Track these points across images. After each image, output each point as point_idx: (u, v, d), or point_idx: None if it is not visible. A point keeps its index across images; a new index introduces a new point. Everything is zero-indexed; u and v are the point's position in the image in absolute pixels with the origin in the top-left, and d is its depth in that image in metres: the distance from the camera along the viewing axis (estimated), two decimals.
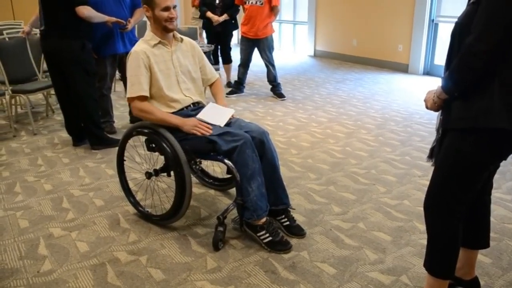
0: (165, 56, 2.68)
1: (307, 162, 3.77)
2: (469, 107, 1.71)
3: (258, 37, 5.67)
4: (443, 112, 1.87)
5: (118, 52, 4.34)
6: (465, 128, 1.74)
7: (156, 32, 2.67)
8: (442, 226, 1.90)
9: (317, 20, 9.01)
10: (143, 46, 2.63)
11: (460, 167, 1.81)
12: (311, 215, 2.88)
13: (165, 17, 2.60)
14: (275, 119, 5.02)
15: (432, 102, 1.87)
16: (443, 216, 1.89)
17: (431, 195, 1.93)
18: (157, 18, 2.61)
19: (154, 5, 2.59)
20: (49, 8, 3.79)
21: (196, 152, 2.58)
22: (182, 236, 2.64)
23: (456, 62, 1.69)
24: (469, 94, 1.71)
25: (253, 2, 5.58)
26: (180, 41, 2.79)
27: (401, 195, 3.15)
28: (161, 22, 2.62)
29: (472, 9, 1.67)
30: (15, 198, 3.16)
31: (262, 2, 5.53)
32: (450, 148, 1.82)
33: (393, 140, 4.26)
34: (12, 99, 5.00)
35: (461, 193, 1.84)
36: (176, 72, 2.71)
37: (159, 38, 2.66)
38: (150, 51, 2.61)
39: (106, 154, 3.98)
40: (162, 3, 2.58)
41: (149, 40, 2.66)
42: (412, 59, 7.33)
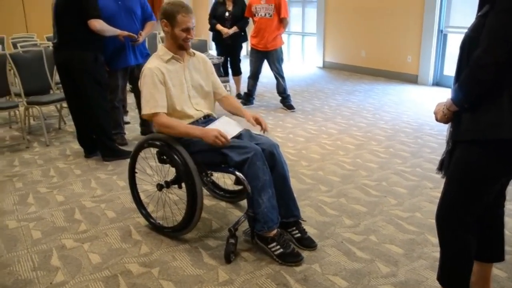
0: (178, 71, 2.70)
1: (318, 174, 3.77)
2: (478, 119, 1.72)
3: (267, 49, 5.71)
4: (453, 124, 1.87)
5: (129, 65, 4.39)
6: (475, 140, 1.74)
7: (170, 47, 2.69)
8: (454, 238, 1.90)
9: (326, 32, 9.05)
10: (156, 62, 2.64)
11: (470, 180, 1.81)
12: (322, 227, 2.87)
13: (183, 37, 2.62)
14: (285, 131, 5.03)
15: (442, 114, 1.88)
16: (455, 229, 1.88)
17: (442, 208, 1.93)
18: (175, 36, 2.62)
19: (175, 23, 2.59)
20: (62, 21, 3.86)
21: (207, 164, 2.60)
22: (194, 248, 2.65)
23: (465, 74, 1.71)
24: (478, 106, 1.72)
25: (262, 14, 5.63)
26: (193, 55, 2.81)
27: (413, 207, 3.13)
28: (178, 40, 2.63)
29: (480, 22, 1.68)
30: (28, 209, 3.20)
31: (271, 15, 5.58)
32: (460, 160, 1.82)
33: (403, 152, 4.25)
34: (26, 111, 5.06)
35: (472, 205, 1.84)
36: (188, 86, 2.73)
37: (172, 53, 2.68)
38: (164, 67, 2.63)
39: (118, 166, 4.01)
40: (183, 23, 2.59)
41: (162, 56, 2.68)
42: (421, 70, 7.32)
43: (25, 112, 5.06)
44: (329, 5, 8.86)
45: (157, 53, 2.72)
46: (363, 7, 8.10)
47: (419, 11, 7.14)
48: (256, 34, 5.73)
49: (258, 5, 5.65)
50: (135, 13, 4.33)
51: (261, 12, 5.62)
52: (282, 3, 5.55)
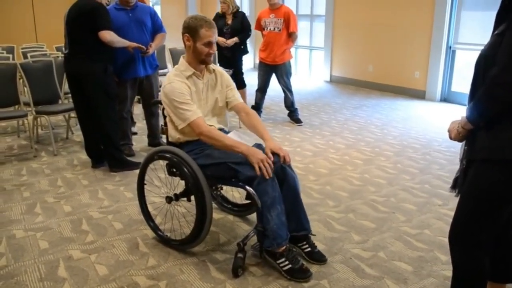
0: (197, 88, 2.69)
1: (326, 189, 3.75)
2: (494, 138, 1.71)
3: (275, 63, 5.72)
4: (468, 143, 1.85)
5: (138, 76, 4.41)
6: (490, 159, 1.73)
7: (191, 62, 2.67)
8: (467, 258, 1.87)
9: (334, 46, 9.08)
10: (177, 77, 2.63)
11: (485, 199, 1.78)
12: (330, 243, 2.85)
13: (205, 52, 2.61)
14: (292, 145, 5.02)
15: (456, 132, 1.86)
16: (468, 248, 1.86)
17: (455, 227, 1.90)
18: (197, 51, 2.62)
19: (198, 37, 2.59)
20: (74, 33, 3.89)
21: (217, 178, 2.58)
22: (201, 262, 2.63)
23: (481, 93, 1.70)
24: (494, 125, 1.71)
25: (271, 28, 5.65)
26: (212, 72, 2.79)
27: (422, 224, 3.10)
28: (200, 55, 2.63)
29: (497, 41, 1.68)
30: (35, 219, 3.19)
31: (280, 29, 5.60)
32: (474, 179, 1.80)
33: (412, 168, 4.22)
34: (35, 120, 5.08)
35: (486, 225, 1.81)
36: (204, 104, 2.72)
37: (193, 69, 2.66)
38: (186, 82, 2.63)
39: (125, 177, 4.01)
40: (205, 37, 2.58)
41: (184, 71, 2.66)
42: (429, 85, 7.31)
43: (34, 122, 5.08)
44: (337, 20, 8.90)
45: (177, 67, 2.70)
46: (371, 22, 8.14)
47: (428, 27, 7.16)
48: (265, 48, 5.75)
49: (267, 19, 5.68)
50: (145, 24, 4.36)
51: (270, 26, 5.66)
52: (291, 18, 5.58)
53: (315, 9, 9.57)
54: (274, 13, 5.61)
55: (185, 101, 2.55)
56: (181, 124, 2.57)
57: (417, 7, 7.31)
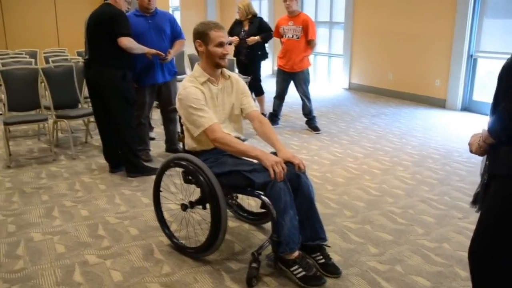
0: (212, 94, 2.68)
1: (343, 198, 3.71)
2: None
3: (294, 70, 5.70)
4: (490, 157, 1.80)
5: (157, 82, 4.44)
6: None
7: (206, 67, 2.67)
8: (487, 277, 1.81)
9: (353, 53, 9.03)
10: (192, 84, 2.62)
11: (507, 216, 1.73)
12: (346, 254, 2.81)
13: (219, 54, 2.61)
14: (310, 153, 4.99)
15: (477, 146, 1.81)
16: (488, 267, 1.80)
17: (475, 244, 1.84)
18: (211, 54, 2.61)
19: (208, 40, 2.59)
20: (94, 39, 3.94)
21: (233, 186, 2.57)
22: (216, 271, 2.61)
23: (505, 106, 1.64)
24: None
25: (289, 36, 5.63)
26: (227, 78, 2.78)
27: (441, 238, 3.04)
28: (214, 58, 2.62)
29: None
30: (53, 222, 3.23)
31: (298, 36, 5.58)
32: (496, 195, 1.75)
33: (431, 179, 4.15)
34: (54, 124, 5.16)
35: (508, 243, 1.75)
36: (219, 110, 2.72)
37: (208, 75, 2.66)
38: (201, 88, 2.62)
39: (142, 182, 4.03)
40: (216, 39, 2.59)
41: (198, 77, 2.66)
42: (449, 94, 7.20)
43: (54, 125, 5.16)
44: (357, 27, 8.85)
45: (192, 73, 2.70)
46: (391, 29, 8.06)
47: (449, 34, 7.07)
48: (283, 55, 5.74)
49: (286, 27, 5.67)
50: (164, 31, 4.39)
51: (289, 34, 5.64)
52: (309, 25, 5.55)
53: (334, 16, 9.53)
54: (293, 21, 5.60)
55: (200, 107, 2.55)
56: (196, 131, 2.56)
57: (437, 15, 7.22)
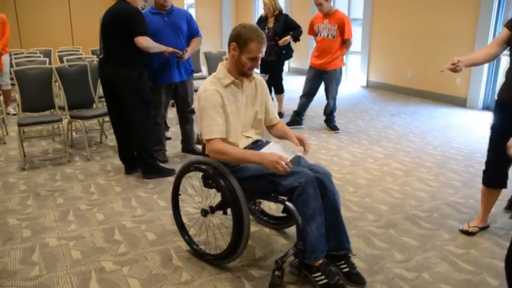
0: (236, 97, 2.57)
1: (365, 201, 3.59)
2: None
3: (326, 68, 5.49)
4: None
5: (173, 81, 4.35)
6: None
7: (232, 70, 2.54)
8: None
9: (371, 51, 8.86)
10: (216, 85, 2.51)
11: None
12: (371, 261, 2.70)
13: (249, 66, 2.48)
14: (329, 153, 4.87)
15: None
16: None
17: None
18: (241, 63, 2.48)
19: (245, 50, 2.44)
20: (109, 38, 3.86)
21: (256, 192, 2.47)
22: (237, 278, 2.52)
23: None
24: None
25: (324, 35, 5.42)
26: (251, 80, 2.66)
27: (468, 244, 2.91)
28: (242, 67, 2.49)
29: None
30: (68, 227, 3.15)
31: (334, 36, 5.35)
32: None
33: (454, 181, 4.01)
34: (69, 124, 5.10)
35: None
36: (244, 114, 2.61)
37: (232, 78, 2.53)
38: (223, 92, 2.50)
39: (159, 184, 3.95)
40: (253, 52, 2.43)
41: (222, 79, 2.53)
42: (470, 93, 7.02)
43: (68, 126, 5.10)
44: (375, 24, 8.68)
45: (216, 74, 2.57)
46: (411, 26, 7.88)
47: (471, 31, 6.87)
48: (318, 54, 5.52)
49: (320, 25, 5.45)
50: (181, 29, 4.29)
51: (324, 33, 5.42)
52: (346, 24, 5.31)
53: (352, 12, 9.35)
54: (328, 19, 5.37)
55: (212, 115, 2.42)
56: (204, 136, 2.46)
57: (460, 11, 7.03)
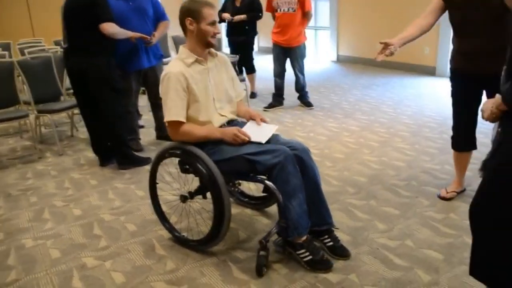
0: (202, 74, 2.53)
1: (344, 174, 3.60)
2: None
3: (291, 45, 5.43)
4: (502, 124, 1.74)
5: (143, 67, 4.23)
6: None
7: (195, 47, 2.52)
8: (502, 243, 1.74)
9: (339, 25, 8.84)
10: (179, 66, 2.46)
11: None
12: (355, 233, 2.71)
13: (211, 33, 2.47)
14: (305, 129, 4.86)
15: (490, 112, 1.76)
16: (505, 235, 1.73)
17: (486, 212, 1.77)
18: (202, 33, 2.47)
19: (201, 18, 2.44)
20: (73, 26, 3.71)
21: (234, 173, 2.44)
22: (222, 262, 2.49)
23: None
24: None
25: (285, 9, 5.33)
26: (215, 56, 2.64)
27: (447, 208, 2.97)
28: (205, 37, 2.48)
29: None
30: (44, 226, 3.05)
31: (294, 9, 5.27)
32: (506, 163, 1.67)
33: (430, 148, 4.06)
34: (37, 119, 4.93)
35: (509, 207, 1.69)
36: (212, 90, 2.56)
37: (195, 56, 2.51)
38: (187, 72, 2.46)
39: (135, 174, 3.86)
40: (209, 17, 2.45)
41: (185, 59, 2.50)
42: (439, 61, 7.11)
43: (36, 121, 4.92)
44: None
45: (178, 55, 2.54)
46: None
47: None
48: (279, 30, 5.43)
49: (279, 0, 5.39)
50: (146, 13, 4.16)
51: (284, 7, 5.33)
52: None
53: None
54: None
55: (173, 98, 2.40)
56: (166, 117, 2.45)
57: None
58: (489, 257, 1.79)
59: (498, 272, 1.77)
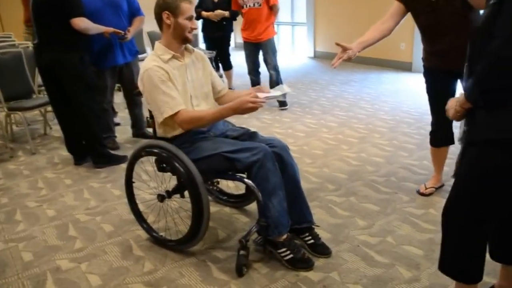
0: (180, 71, 2.46)
1: (323, 171, 3.59)
2: (496, 117, 1.59)
3: (260, 40, 5.38)
4: (467, 123, 1.73)
5: (118, 64, 4.14)
6: (494, 139, 1.61)
7: (171, 43, 2.44)
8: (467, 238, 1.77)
9: (316, 21, 8.85)
10: (156, 62, 2.39)
11: (487, 180, 1.67)
12: (335, 230, 2.70)
13: (188, 27, 2.41)
14: (283, 126, 4.84)
15: (454, 111, 1.74)
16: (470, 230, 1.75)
17: (455, 209, 1.78)
18: (180, 27, 2.39)
19: (179, 12, 2.37)
20: (42, 20, 3.59)
21: (213, 171, 2.39)
22: (201, 262, 2.45)
23: (483, 68, 1.55)
24: (495, 103, 1.59)
25: (250, 5, 5.28)
26: (192, 52, 2.58)
27: (426, 204, 2.98)
28: (183, 31, 2.41)
29: (493, 11, 1.52)
30: (16, 228, 2.94)
31: (260, 4, 5.23)
32: (476, 160, 1.68)
33: (408, 144, 4.09)
34: (7, 117, 4.77)
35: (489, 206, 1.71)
36: (190, 87, 2.49)
37: (172, 52, 2.43)
38: (166, 67, 2.39)
39: (111, 173, 3.78)
40: (187, 11, 2.38)
41: (161, 55, 2.42)
42: (415, 57, 7.17)
43: (6, 119, 4.76)
44: None
45: (154, 52, 2.46)
46: None
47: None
48: (247, 26, 5.40)
49: None
50: (121, 8, 4.05)
51: (249, 3, 5.29)
52: None
53: None
54: None
55: (164, 90, 2.32)
56: (159, 117, 2.35)
57: None
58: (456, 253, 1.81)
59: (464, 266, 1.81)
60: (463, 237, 1.77)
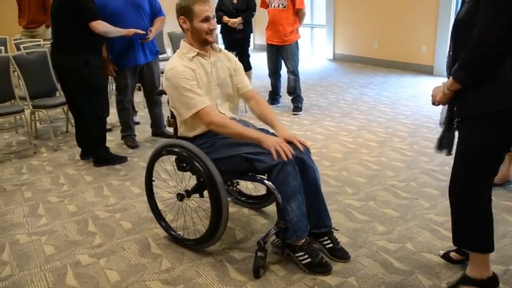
0: (205, 68, 2.46)
1: (342, 175, 3.56)
2: (484, 93, 1.78)
3: (282, 43, 5.32)
4: (457, 103, 1.91)
5: (139, 63, 4.18)
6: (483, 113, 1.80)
7: (193, 43, 2.45)
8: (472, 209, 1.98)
9: (336, 23, 8.80)
10: (180, 61, 2.40)
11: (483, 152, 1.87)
12: (354, 235, 2.68)
13: (205, 29, 2.39)
14: (302, 128, 4.82)
15: (442, 95, 1.92)
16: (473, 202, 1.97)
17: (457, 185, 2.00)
18: (196, 31, 2.40)
19: (193, 16, 2.37)
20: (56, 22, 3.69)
21: (233, 172, 2.39)
22: (219, 262, 2.45)
23: (467, 53, 1.75)
24: (481, 81, 1.78)
25: (275, 5, 5.23)
26: (218, 52, 2.57)
27: (447, 210, 2.85)
28: (201, 34, 2.40)
29: (473, 5, 1.74)
30: (39, 221, 3.00)
31: (285, 5, 5.16)
32: (471, 137, 1.89)
33: (429, 149, 4.03)
34: (32, 115, 4.87)
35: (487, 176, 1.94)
36: (214, 85, 2.50)
37: (197, 50, 2.44)
38: (191, 65, 2.40)
39: (131, 171, 3.82)
40: (201, 13, 2.37)
41: (186, 53, 2.44)
42: (437, 60, 7.08)
43: (31, 116, 4.86)
44: None
45: (179, 50, 2.47)
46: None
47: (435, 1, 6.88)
48: (270, 27, 5.34)
49: None
50: (143, 8, 4.10)
51: (274, 3, 5.23)
52: None
53: None
54: None
55: (190, 88, 2.33)
56: (187, 113, 2.35)
57: None
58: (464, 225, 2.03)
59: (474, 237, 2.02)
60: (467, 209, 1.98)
